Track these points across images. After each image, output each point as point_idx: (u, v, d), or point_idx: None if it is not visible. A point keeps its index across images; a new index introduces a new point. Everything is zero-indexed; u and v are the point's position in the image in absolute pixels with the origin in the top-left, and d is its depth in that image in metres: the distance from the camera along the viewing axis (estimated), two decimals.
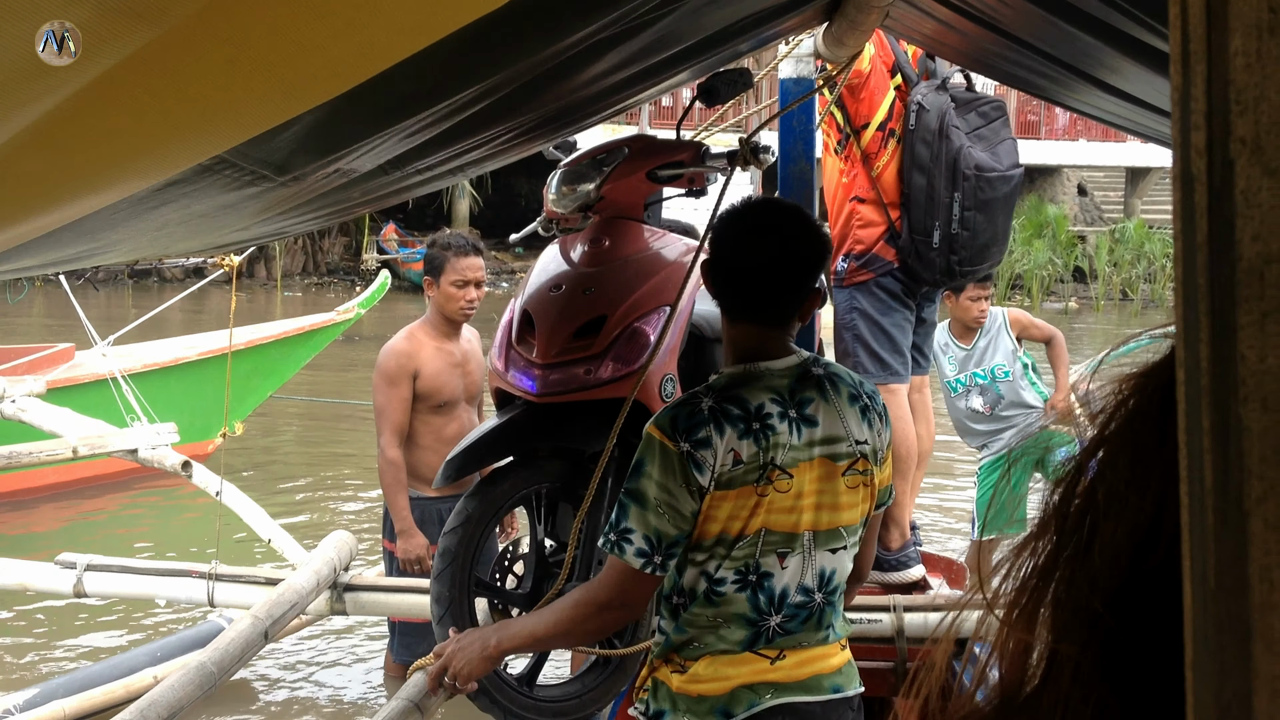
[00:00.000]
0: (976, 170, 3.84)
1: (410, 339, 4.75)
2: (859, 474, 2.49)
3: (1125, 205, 29.99)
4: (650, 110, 25.71)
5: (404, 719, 3.29)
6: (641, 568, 2.39)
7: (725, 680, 2.45)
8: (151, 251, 3.12)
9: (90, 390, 8.11)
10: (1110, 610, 0.37)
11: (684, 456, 2.36)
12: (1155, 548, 0.37)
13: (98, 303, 20.76)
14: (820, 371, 2.50)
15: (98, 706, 4.89)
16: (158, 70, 1.02)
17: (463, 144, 2.46)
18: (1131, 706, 0.37)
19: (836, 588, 2.51)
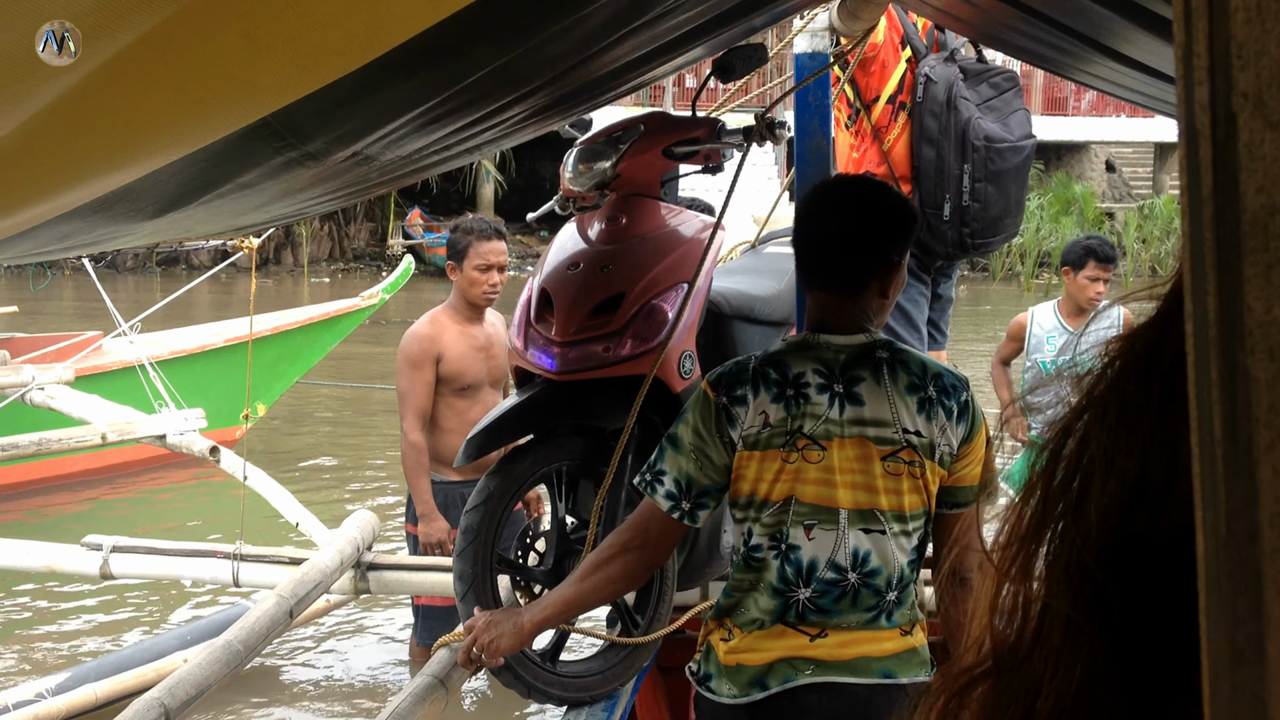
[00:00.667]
0: (986, 141, 3.82)
1: (433, 323, 4.79)
2: (904, 463, 2.46)
3: (1154, 181, 29.78)
4: (674, 91, 25.71)
5: (429, 694, 3.32)
6: (669, 510, 2.47)
7: (764, 652, 2.47)
8: (171, 235, 3.13)
9: (118, 377, 8.19)
10: (1102, 565, 0.38)
11: (720, 408, 2.45)
12: (1143, 503, 0.37)
13: (126, 290, 20.90)
14: (885, 355, 2.50)
15: (129, 690, 4.91)
16: (173, 47, 1.03)
17: (479, 122, 2.46)
18: (1121, 659, 0.37)
19: (877, 571, 2.46)
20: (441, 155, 2.78)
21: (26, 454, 6.43)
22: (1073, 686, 0.38)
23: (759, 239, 4.70)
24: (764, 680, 2.46)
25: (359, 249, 27.26)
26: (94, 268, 8.89)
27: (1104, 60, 2.73)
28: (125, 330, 7.69)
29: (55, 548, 4.41)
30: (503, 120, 2.59)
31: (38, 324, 12.72)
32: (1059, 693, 0.38)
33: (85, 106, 1.09)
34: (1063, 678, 0.39)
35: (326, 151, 2.05)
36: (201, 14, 1.01)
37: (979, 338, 16.50)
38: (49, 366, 7.68)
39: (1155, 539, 0.37)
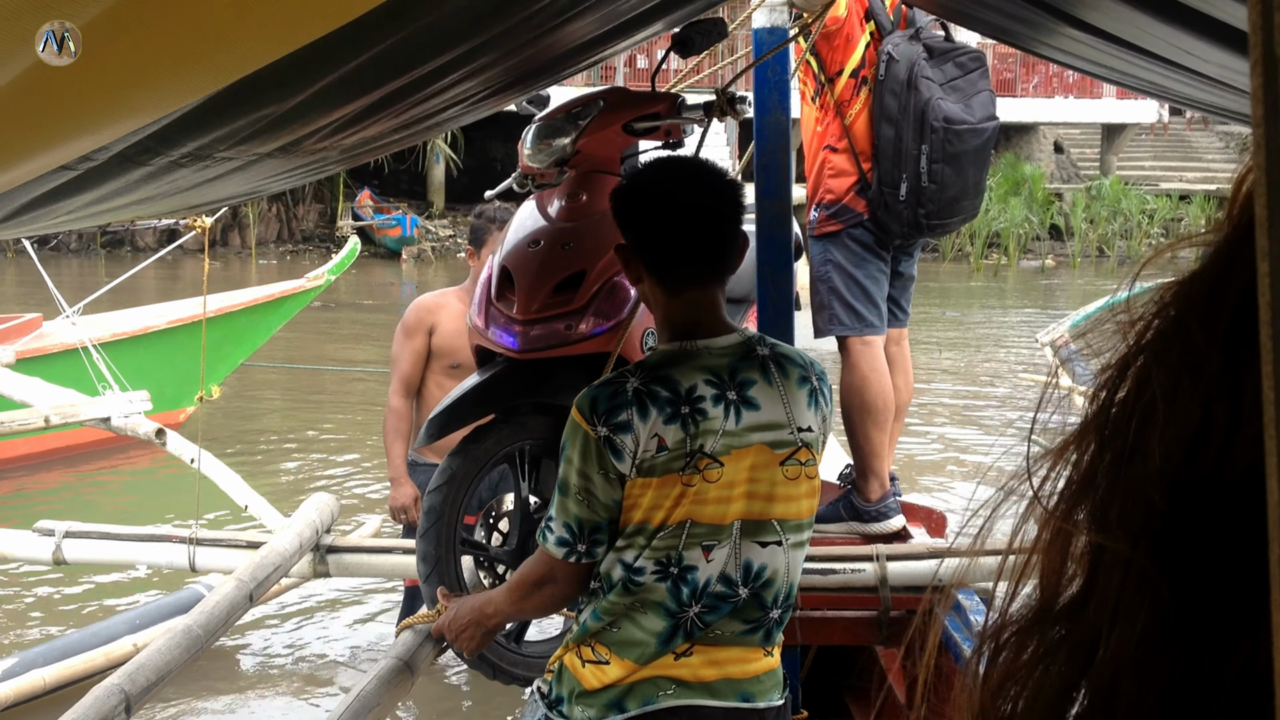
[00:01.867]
0: (945, 123, 3.80)
1: (440, 296, 4.79)
2: (800, 464, 2.34)
3: (1101, 162, 30.08)
4: (625, 71, 25.63)
5: (394, 677, 3.30)
6: (564, 556, 2.33)
7: (625, 673, 2.33)
8: (124, 216, 3.08)
9: (59, 360, 8.06)
10: (1167, 504, 0.36)
11: (601, 442, 2.24)
12: (1208, 446, 0.36)
13: (70, 273, 20.61)
14: (765, 351, 2.36)
15: (78, 675, 4.88)
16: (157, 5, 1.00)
17: (435, 99, 2.43)
18: (1188, 603, 0.36)
19: (770, 584, 2.34)
20: (398, 132, 2.75)
21: None
22: (1136, 633, 0.37)
23: None
24: (622, 703, 2.34)
25: (308, 230, 27.03)
26: (38, 249, 8.75)
27: (1070, 31, 2.73)
28: (68, 312, 7.58)
29: (6, 533, 4.34)
30: (458, 96, 2.56)
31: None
32: (1122, 641, 0.37)
33: (62, 72, 1.06)
34: (1124, 625, 0.37)
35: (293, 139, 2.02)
36: None
37: (926, 318, 16.60)
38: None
39: (1221, 481, 0.35)
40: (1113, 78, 3.70)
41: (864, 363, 3.99)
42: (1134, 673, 0.37)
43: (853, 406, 4.01)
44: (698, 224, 2.31)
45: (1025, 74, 28.48)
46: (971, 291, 21.94)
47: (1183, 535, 0.36)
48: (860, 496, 4.04)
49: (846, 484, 4.18)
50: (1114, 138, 29.81)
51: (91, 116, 1.28)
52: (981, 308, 19.46)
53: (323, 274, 9.71)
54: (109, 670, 4.81)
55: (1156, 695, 0.36)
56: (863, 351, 4.00)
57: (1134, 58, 2.79)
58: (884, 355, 4.05)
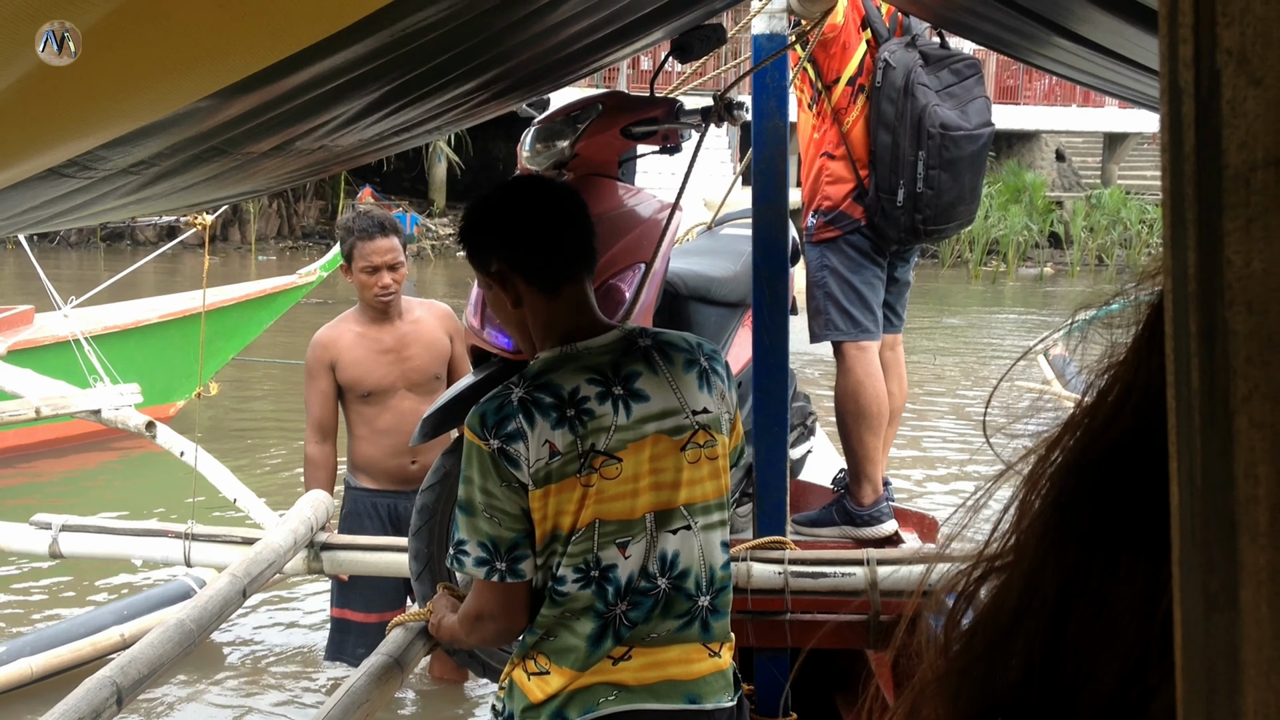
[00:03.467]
0: (942, 129, 3.83)
1: (333, 328, 4.58)
2: (699, 446, 2.36)
3: (1103, 171, 30.08)
4: (629, 74, 25.64)
5: (384, 674, 3.32)
6: (486, 576, 2.30)
7: (566, 681, 2.34)
8: (125, 214, 3.10)
9: (51, 352, 8.06)
10: (1086, 467, 0.42)
11: (495, 454, 2.24)
12: (1119, 419, 0.41)
13: (69, 266, 20.60)
14: (647, 342, 2.38)
15: (66, 664, 4.91)
16: (149, 15, 1.02)
17: (436, 103, 2.45)
18: (1080, 553, 0.41)
19: (686, 572, 2.36)
20: (400, 135, 2.76)
21: None
22: (1027, 565, 0.42)
23: (715, 220, 4.72)
24: (564, 712, 2.34)
25: (308, 227, 27.02)
26: (37, 243, 8.78)
27: (1061, 42, 2.76)
28: (61, 306, 7.59)
29: (3, 526, 4.35)
30: (460, 101, 2.58)
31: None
32: (1016, 580, 0.43)
33: (60, 77, 1.08)
34: (1020, 566, 0.43)
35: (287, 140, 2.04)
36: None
37: (923, 325, 16.62)
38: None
39: (1121, 443, 0.41)
40: (1105, 88, 3.72)
41: (859, 368, 4.01)
42: (1020, 594, 0.42)
43: (847, 411, 4.03)
44: (562, 222, 2.36)
45: (1028, 82, 28.48)
46: (970, 298, 21.95)
47: (1082, 479, 0.42)
48: (853, 501, 4.07)
49: (840, 488, 4.21)
50: (1116, 147, 29.81)
51: (79, 122, 1.30)
52: (979, 314, 19.48)
53: (315, 270, 9.70)
54: (96, 660, 4.89)
55: (1034, 621, 0.41)
56: (858, 357, 4.02)
57: (1123, 68, 2.81)
58: (879, 361, 4.08)
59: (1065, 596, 0.40)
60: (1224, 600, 0.31)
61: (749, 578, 3.61)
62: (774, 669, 3.70)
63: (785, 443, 3.79)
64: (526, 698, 2.37)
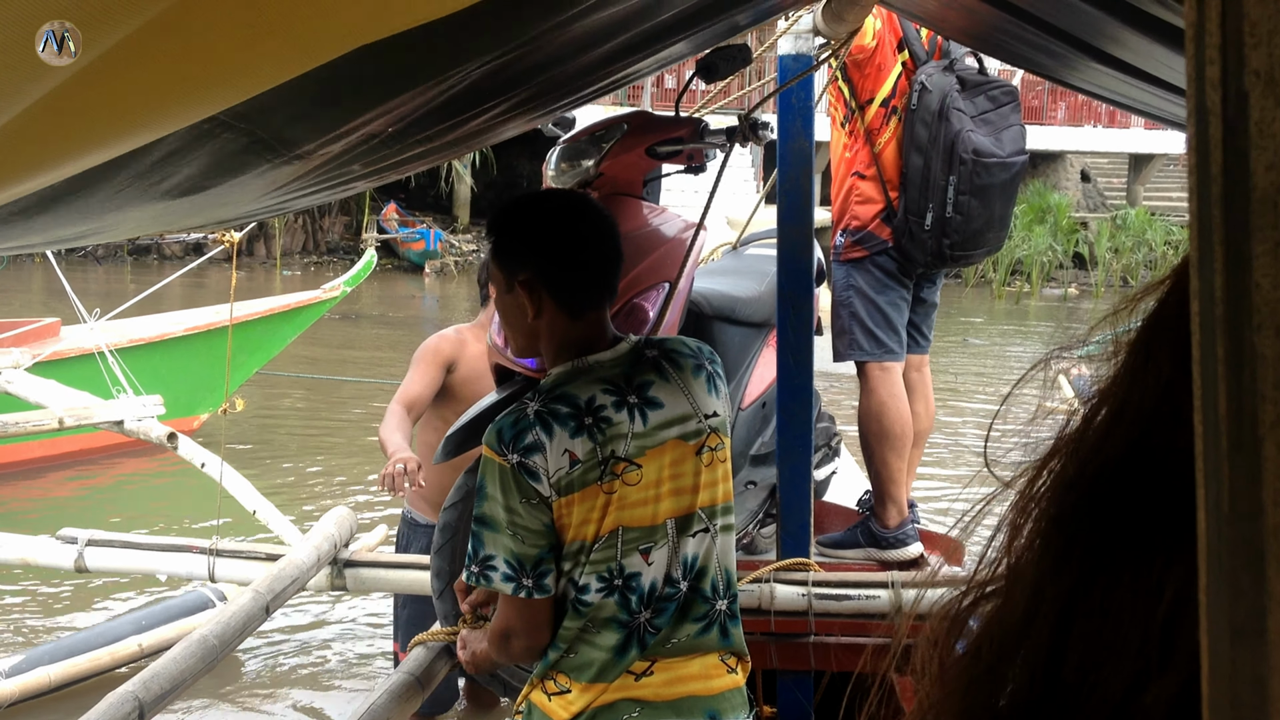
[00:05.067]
0: (974, 155, 3.81)
1: (457, 335, 4.47)
2: (711, 450, 2.38)
3: (1128, 192, 29.96)
4: (653, 91, 25.73)
5: (405, 691, 3.32)
6: (514, 593, 2.28)
7: (589, 698, 2.32)
8: (153, 229, 3.11)
9: (76, 364, 8.14)
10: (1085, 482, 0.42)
11: (515, 469, 2.23)
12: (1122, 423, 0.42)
13: (97, 279, 20.76)
14: (654, 352, 2.39)
15: (84, 673, 4.96)
16: (176, 34, 1.03)
17: (458, 119, 2.45)
18: (1083, 566, 0.41)
19: (704, 573, 2.37)
20: (423, 153, 2.77)
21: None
22: (1031, 579, 0.43)
23: (740, 240, 4.71)
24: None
25: (333, 242, 27.16)
26: (64, 257, 8.87)
27: (1092, 64, 2.75)
28: (86, 319, 7.65)
29: (30, 540, 4.38)
30: (484, 118, 2.59)
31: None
32: (1019, 596, 0.43)
33: (84, 95, 1.09)
34: (1024, 582, 0.43)
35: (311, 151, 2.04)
36: (207, 3, 1.01)
37: (945, 345, 16.57)
38: (7, 351, 7.63)
39: (1119, 457, 0.41)
40: (1136, 107, 3.70)
41: (882, 389, 3.99)
42: (1024, 610, 0.43)
43: (870, 432, 4.01)
44: (600, 250, 2.36)
45: (1052, 102, 28.41)
46: (994, 319, 21.89)
47: (1081, 493, 0.42)
48: (878, 523, 4.04)
49: (865, 510, 4.18)
50: (1141, 168, 29.70)
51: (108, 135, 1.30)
52: (1002, 335, 19.41)
53: (339, 285, 9.77)
54: (114, 669, 4.96)
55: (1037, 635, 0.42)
56: (881, 377, 4.00)
57: (1153, 89, 2.80)
58: (903, 382, 4.06)
59: (1068, 612, 0.40)
60: (1251, 629, 0.31)
61: (772, 599, 3.60)
62: (797, 692, 3.68)
63: (809, 464, 3.78)
64: (548, 718, 2.36)
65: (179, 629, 5.11)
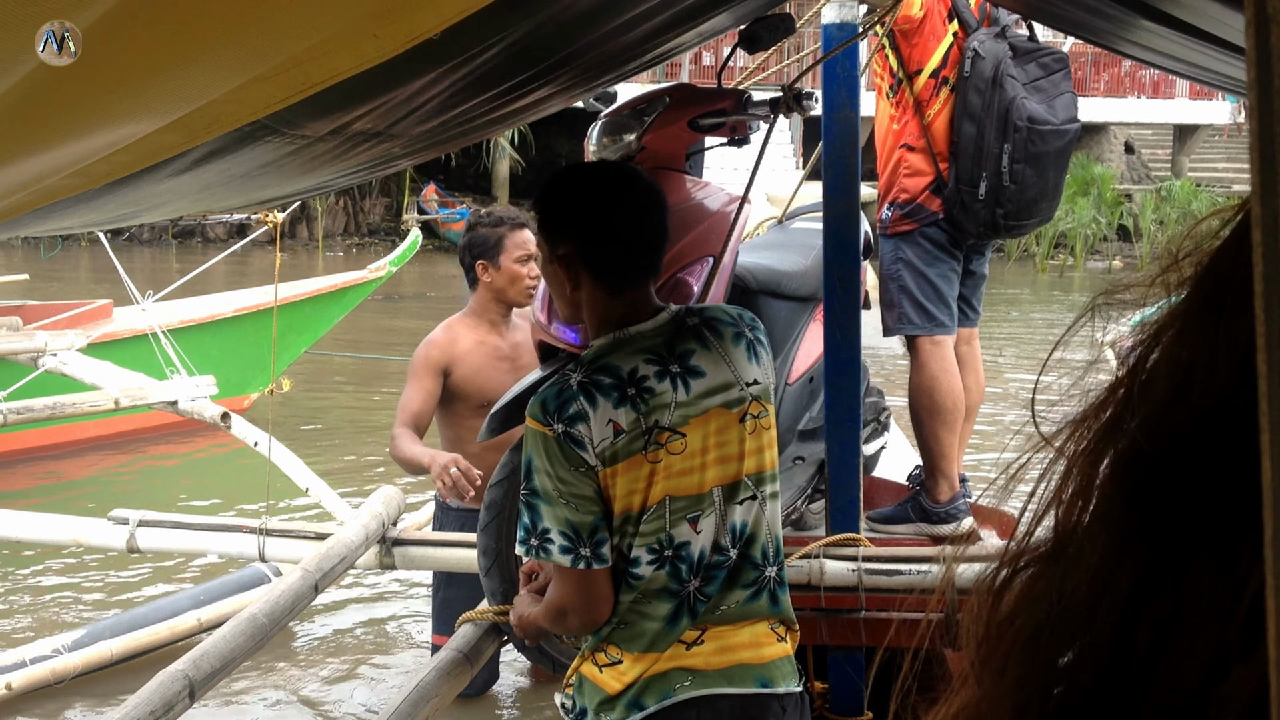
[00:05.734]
0: (1029, 122, 3.75)
1: (448, 330, 4.40)
2: (755, 418, 2.38)
3: (1173, 163, 29.55)
4: (691, 69, 25.60)
5: (454, 668, 3.34)
6: (572, 564, 2.27)
7: (642, 669, 2.33)
8: (194, 209, 3.13)
9: (129, 345, 8.29)
10: (1149, 449, 0.40)
11: (561, 439, 2.23)
12: (1189, 388, 0.39)
13: (142, 261, 20.96)
14: (695, 320, 2.39)
15: (144, 647, 5.10)
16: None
17: (500, 94, 2.44)
18: (1142, 527, 0.39)
19: (753, 540, 2.38)
20: (464, 129, 2.76)
21: (41, 417, 6.53)
22: (1096, 557, 0.40)
23: (785, 215, 4.68)
24: (640, 700, 2.33)
25: (374, 224, 27.28)
26: (110, 239, 8.97)
27: (1147, 24, 2.69)
28: (139, 301, 7.78)
29: (82, 521, 4.44)
30: (525, 95, 2.57)
31: (50, 293, 12.81)
32: (1084, 565, 0.41)
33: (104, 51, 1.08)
34: (1089, 552, 0.41)
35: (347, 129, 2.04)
36: None
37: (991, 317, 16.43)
38: (62, 333, 7.73)
39: (1192, 419, 0.38)
40: (1188, 72, 3.64)
41: (933, 363, 3.95)
42: (1089, 593, 0.40)
43: (921, 407, 3.97)
44: (645, 230, 2.35)
45: (1095, 74, 28.01)
46: (1037, 292, 21.68)
47: (1149, 467, 0.39)
48: (929, 498, 4.00)
49: (915, 485, 4.15)
50: (1186, 138, 29.27)
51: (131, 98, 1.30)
52: (1046, 308, 19.23)
53: (384, 265, 9.86)
54: (173, 643, 5.08)
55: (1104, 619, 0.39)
56: (932, 351, 3.96)
57: (1208, 49, 2.74)
58: (954, 355, 4.01)
59: (1138, 595, 0.38)
60: None
61: (822, 575, 3.58)
62: (848, 667, 3.66)
63: (858, 439, 3.75)
64: (602, 691, 2.36)
65: (236, 604, 5.21)
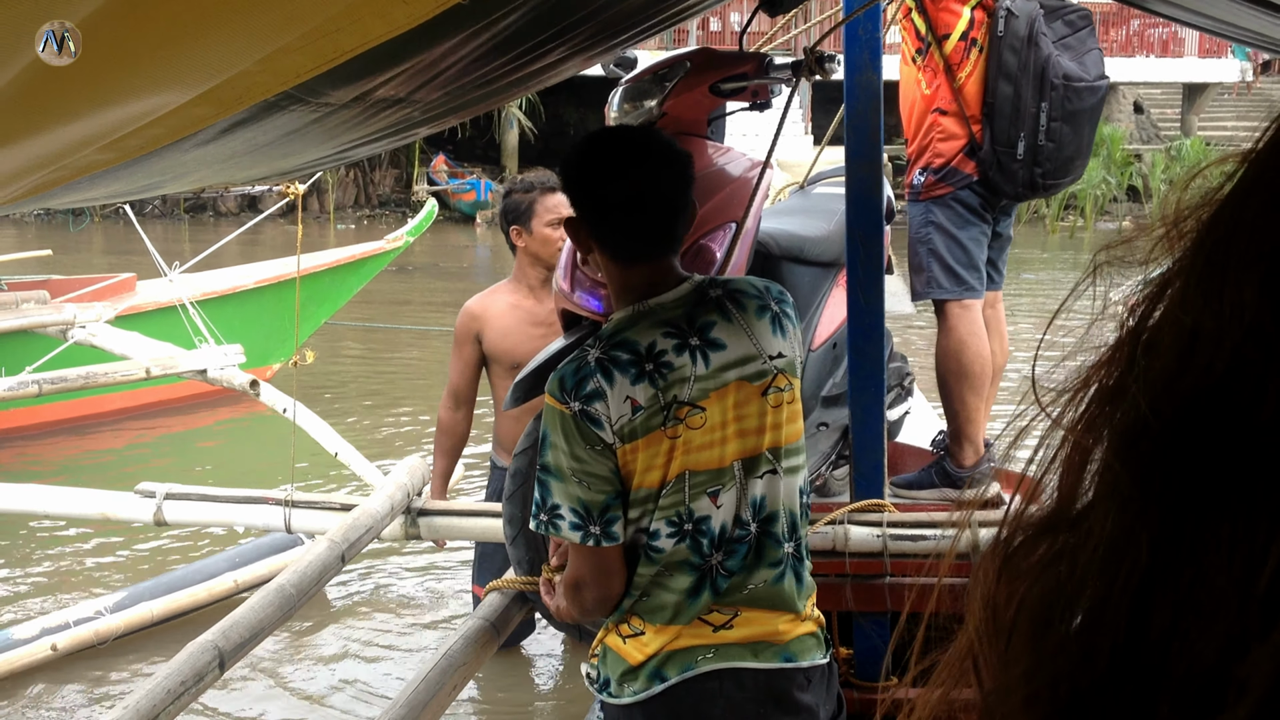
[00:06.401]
0: (1065, 80, 3.71)
1: (485, 298, 4.48)
2: (779, 390, 2.35)
3: (1182, 122, 29.38)
4: (699, 35, 25.46)
5: (481, 637, 3.34)
6: (582, 541, 2.27)
7: (664, 640, 2.33)
8: (218, 180, 3.11)
9: (155, 317, 8.37)
10: (1154, 417, 0.38)
11: (578, 416, 2.23)
12: (1194, 355, 0.37)
13: (155, 236, 20.86)
14: (718, 292, 2.35)
15: (183, 608, 5.27)
16: None
17: (519, 55, 2.40)
18: (1151, 501, 0.37)
19: (774, 516, 2.36)
20: (483, 93, 2.73)
21: (74, 387, 6.69)
22: (1106, 533, 0.38)
23: (807, 180, 4.65)
24: (662, 671, 2.34)
25: (384, 195, 27.25)
26: (123, 214, 9.06)
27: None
28: (166, 272, 7.87)
29: (109, 495, 4.46)
30: (543, 57, 2.54)
31: (68, 267, 12.82)
32: (1093, 542, 0.39)
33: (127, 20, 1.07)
34: (1098, 527, 0.39)
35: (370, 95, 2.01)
36: None
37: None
38: (90, 305, 7.88)
39: (1199, 388, 0.37)
40: (1223, 31, 3.59)
41: (962, 326, 3.92)
42: (1100, 573, 0.38)
43: (949, 371, 3.95)
44: (646, 203, 2.31)
45: (1104, 33, 27.79)
46: (1048, 253, 21.63)
47: (1157, 439, 0.38)
48: (954, 462, 3.99)
49: (940, 450, 4.13)
50: (1195, 97, 29.09)
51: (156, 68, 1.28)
52: (1058, 269, 19.17)
53: (401, 236, 9.91)
54: (211, 604, 5.24)
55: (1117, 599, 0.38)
56: (961, 315, 3.93)
57: (1245, 7, 2.70)
58: (982, 319, 3.98)
59: (1153, 571, 0.37)
60: None
61: (847, 541, 3.56)
62: (874, 633, 3.65)
63: (882, 404, 3.73)
64: (624, 661, 2.36)
65: (271, 566, 5.39)
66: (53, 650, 4.86)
